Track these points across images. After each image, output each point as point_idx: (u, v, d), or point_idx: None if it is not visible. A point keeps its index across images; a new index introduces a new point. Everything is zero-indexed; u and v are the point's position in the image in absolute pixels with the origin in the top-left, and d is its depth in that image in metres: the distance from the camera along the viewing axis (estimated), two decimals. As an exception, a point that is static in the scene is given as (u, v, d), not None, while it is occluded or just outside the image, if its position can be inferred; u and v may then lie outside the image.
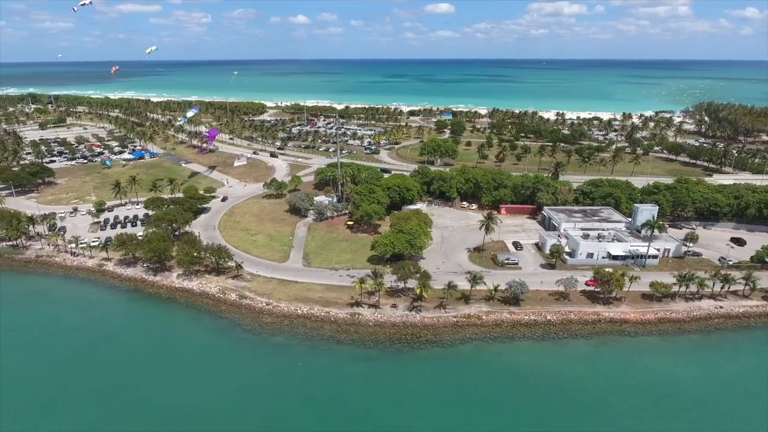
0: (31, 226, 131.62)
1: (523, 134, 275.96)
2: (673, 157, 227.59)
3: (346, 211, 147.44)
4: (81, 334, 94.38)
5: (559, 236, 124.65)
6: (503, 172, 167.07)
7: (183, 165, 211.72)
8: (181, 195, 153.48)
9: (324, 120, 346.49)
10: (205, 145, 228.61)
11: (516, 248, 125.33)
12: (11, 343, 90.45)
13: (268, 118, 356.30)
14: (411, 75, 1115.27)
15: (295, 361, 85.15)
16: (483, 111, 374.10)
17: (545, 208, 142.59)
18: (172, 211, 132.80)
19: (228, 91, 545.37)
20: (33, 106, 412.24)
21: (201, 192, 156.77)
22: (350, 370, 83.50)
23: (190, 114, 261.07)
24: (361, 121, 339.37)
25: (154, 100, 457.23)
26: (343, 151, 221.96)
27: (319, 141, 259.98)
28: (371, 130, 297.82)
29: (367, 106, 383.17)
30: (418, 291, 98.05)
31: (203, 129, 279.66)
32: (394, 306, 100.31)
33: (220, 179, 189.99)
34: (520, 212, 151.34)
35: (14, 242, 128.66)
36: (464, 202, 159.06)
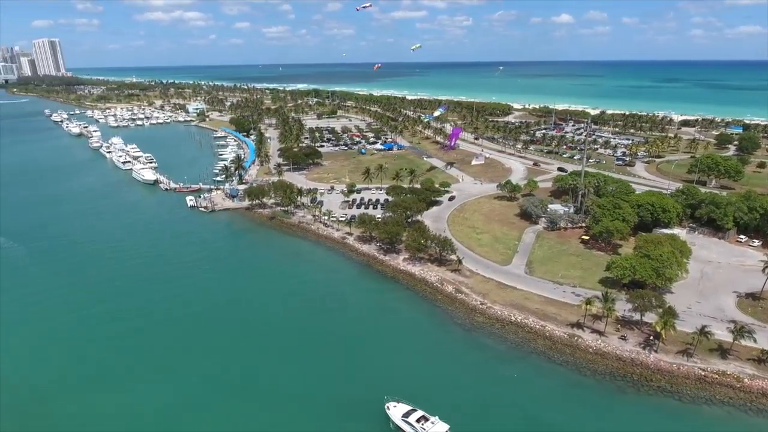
0: (299, 197, 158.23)
1: None
2: None
3: (583, 224, 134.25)
4: (320, 291, 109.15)
5: None
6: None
7: (425, 159, 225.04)
8: (418, 186, 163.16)
9: (573, 125, 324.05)
10: (448, 143, 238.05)
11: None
12: (278, 289, 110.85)
13: (513, 120, 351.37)
14: (690, 79, 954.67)
15: (508, 369, 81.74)
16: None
17: None
18: (408, 199, 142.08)
19: (475, 91, 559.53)
20: (315, 99, 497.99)
21: (436, 185, 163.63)
22: (561, 394, 76.09)
23: (436, 113, 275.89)
24: (616, 129, 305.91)
25: (409, 97, 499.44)
26: (590, 160, 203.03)
27: (564, 147, 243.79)
28: (628, 139, 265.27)
29: (627, 113, 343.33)
30: (657, 328, 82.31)
31: (448, 127, 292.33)
32: (622, 338, 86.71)
33: (456, 175, 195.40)
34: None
35: (286, 208, 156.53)
36: (742, 236, 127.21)
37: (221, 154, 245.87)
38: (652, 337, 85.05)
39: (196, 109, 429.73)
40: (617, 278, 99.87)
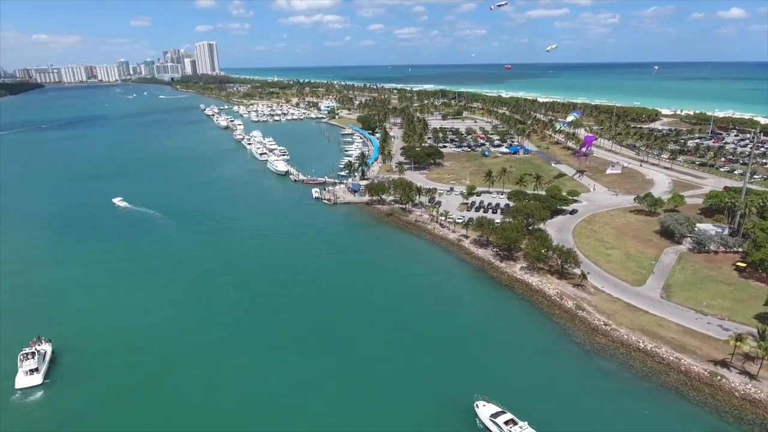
0: (417, 196, 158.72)
1: None
2: None
3: (740, 249, 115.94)
4: (430, 290, 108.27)
5: None
6: None
7: (552, 164, 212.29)
8: (543, 193, 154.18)
9: (735, 135, 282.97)
10: (584, 149, 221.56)
11: None
12: (388, 283, 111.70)
13: (659, 127, 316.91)
14: None
15: (624, 396, 74.15)
16: None
17: None
18: (531, 205, 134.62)
19: (616, 94, 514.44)
20: (441, 100, 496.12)
21: (563, 194, 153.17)
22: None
23: (570, 118, 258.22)
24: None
25: (540, 100, 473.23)
26: (755, 176, 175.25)
27: (722, 159, 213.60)
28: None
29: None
30: (833, 382, 67.83)
31: (582, 132, 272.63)
32: (783, 387, 72.91)
33: (587, 184, 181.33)
34: None
35: (404, 206, 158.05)
36: None
37: (347, 151, 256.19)
38: (824, 392, 70.37)
39: (328, 107, 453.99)
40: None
